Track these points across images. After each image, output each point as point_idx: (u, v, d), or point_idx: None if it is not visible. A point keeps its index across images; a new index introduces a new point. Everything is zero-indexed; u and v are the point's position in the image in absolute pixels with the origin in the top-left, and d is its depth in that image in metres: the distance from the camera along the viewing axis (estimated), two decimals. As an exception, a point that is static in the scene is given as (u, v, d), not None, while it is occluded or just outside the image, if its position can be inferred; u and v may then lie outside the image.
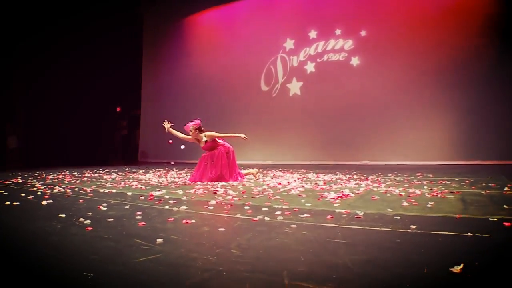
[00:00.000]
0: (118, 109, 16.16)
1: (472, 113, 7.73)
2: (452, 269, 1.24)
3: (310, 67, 10.22)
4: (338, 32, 9.67)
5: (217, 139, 4.98)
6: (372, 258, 1.46)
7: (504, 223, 2.03)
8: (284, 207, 2.74)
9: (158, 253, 1.59)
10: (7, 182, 5.12)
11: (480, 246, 1.63)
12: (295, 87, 10.54)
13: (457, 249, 1.58)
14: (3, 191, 3.97)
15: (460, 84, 7.94)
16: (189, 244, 1.77)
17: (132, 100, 14.56)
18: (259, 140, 10.84)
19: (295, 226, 2.09)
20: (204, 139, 4.98)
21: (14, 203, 3.04)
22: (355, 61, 9.38)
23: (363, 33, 9.24)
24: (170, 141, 5.47)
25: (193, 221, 2.28)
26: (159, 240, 1.78)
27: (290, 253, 1.59)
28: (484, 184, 3.97)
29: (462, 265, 1.25)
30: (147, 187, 4.32)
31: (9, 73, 11.39)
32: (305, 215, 2.41)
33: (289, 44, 10.68)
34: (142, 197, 3.40)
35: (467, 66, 7.88)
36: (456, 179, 4.57)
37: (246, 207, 2.75)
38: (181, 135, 5.22)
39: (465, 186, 3.89)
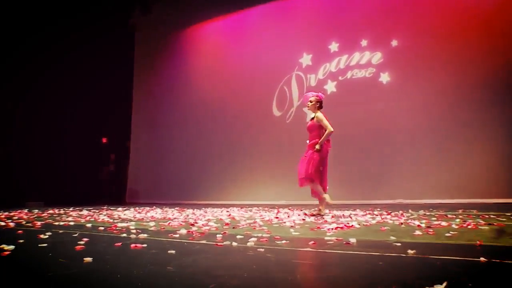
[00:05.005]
0: (104, 140, 16.57)
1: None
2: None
3: (330, 87, 10.34)
4: (364, 43, 9.83)
5: (323, 125, 5.07)
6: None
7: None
8: (264, 235, 2.75)
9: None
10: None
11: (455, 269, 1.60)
12: (313, 110, 10.68)
13: (417, 270, 1.56)
14: None
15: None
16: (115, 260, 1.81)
17: (123, 130, 14.95)
18: (271, 176, 10.78)
19: (262, 250, 2.10)
20: (312, 115, 5.32)
21: None
22: (384, 77, 9.43)
23: (394, 43, 9.31)
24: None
25: (145, 245, 2.33)
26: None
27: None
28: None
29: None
30: (115, 221, 4.39)
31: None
32: (284, 241, 2.42)
33: (306, 59, 10.92)
34: (102, 228, 3.47)
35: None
36: (508, 213, 4.42)
37: (218, 235, 2.76)
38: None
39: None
